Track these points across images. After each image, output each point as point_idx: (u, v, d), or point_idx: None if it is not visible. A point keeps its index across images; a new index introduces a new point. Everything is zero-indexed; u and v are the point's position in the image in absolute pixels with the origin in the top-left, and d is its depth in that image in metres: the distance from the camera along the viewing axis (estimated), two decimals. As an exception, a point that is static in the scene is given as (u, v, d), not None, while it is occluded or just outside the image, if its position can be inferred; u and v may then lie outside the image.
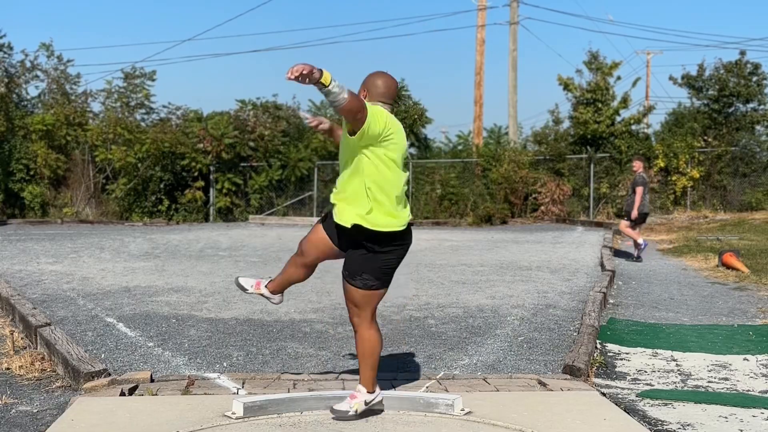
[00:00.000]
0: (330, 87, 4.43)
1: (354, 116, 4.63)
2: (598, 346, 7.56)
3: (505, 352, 7.19)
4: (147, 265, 13.66)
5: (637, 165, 15.82)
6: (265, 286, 5.85)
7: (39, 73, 29.50)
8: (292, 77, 4.28)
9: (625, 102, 29.58)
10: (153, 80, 30.29)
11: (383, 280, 5.01)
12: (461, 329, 8.15)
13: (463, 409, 5.07)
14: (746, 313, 9.67)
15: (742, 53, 29.88)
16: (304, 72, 4.29)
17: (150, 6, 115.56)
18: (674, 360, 7.12)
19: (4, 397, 5.72)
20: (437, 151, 34.29)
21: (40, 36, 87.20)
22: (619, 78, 30.02)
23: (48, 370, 6.51)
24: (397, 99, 4.86)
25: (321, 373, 6.27)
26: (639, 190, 15.33)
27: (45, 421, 5.15)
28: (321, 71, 4.37)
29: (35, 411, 5.43)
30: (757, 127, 29.58)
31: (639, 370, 6.74)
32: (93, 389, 5.73)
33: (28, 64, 29.09)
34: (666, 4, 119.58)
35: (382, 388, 5.23)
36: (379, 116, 4.75)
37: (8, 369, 6.55)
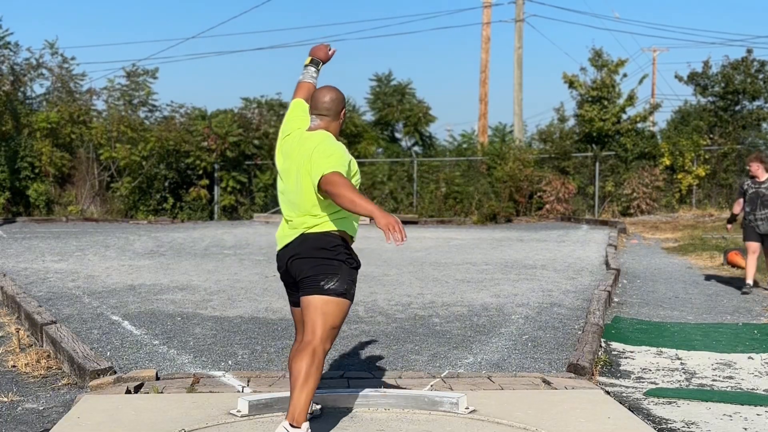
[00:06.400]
0: None
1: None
2: (603, 344, 7.57)
3: (509, 351, 7.20)
4: (152, 263, 13.69)
5: (755, 167, 11.40)
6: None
7: (44, 71, 29.54)
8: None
9: (631, 99, 29.50)
10: (155, 78, 30.32)
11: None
12: (466, 328, 8.16)
13: (467, 408, 5.07)
14: (751, 311, 9.66)
15: (749, 51, 29.73)
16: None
17: (153, 3, 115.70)
18: (679, 358, 7.12)
19: (10, 394, 5.74)
20: (442, 149, 34.28)
21: (43, 33, 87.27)
22: (625, 75, 29.96)
23: (54, 367, 6.54)
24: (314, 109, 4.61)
25: (326, 371, 6.28)
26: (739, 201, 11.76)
27: (51, 419, 5.17)
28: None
29: (41, 408, 5.45)
30: (764, 125, 29.47)
31: (643, 369, 6.75)
32: (99, 387, 5.75)
33: (34, 62, 29.14)
34: (672, 1, 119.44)
35: (387, 387, 5.24)
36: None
37: (14, 367, 6.57)
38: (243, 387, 5.76)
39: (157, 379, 5.98)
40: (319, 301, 4.37)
